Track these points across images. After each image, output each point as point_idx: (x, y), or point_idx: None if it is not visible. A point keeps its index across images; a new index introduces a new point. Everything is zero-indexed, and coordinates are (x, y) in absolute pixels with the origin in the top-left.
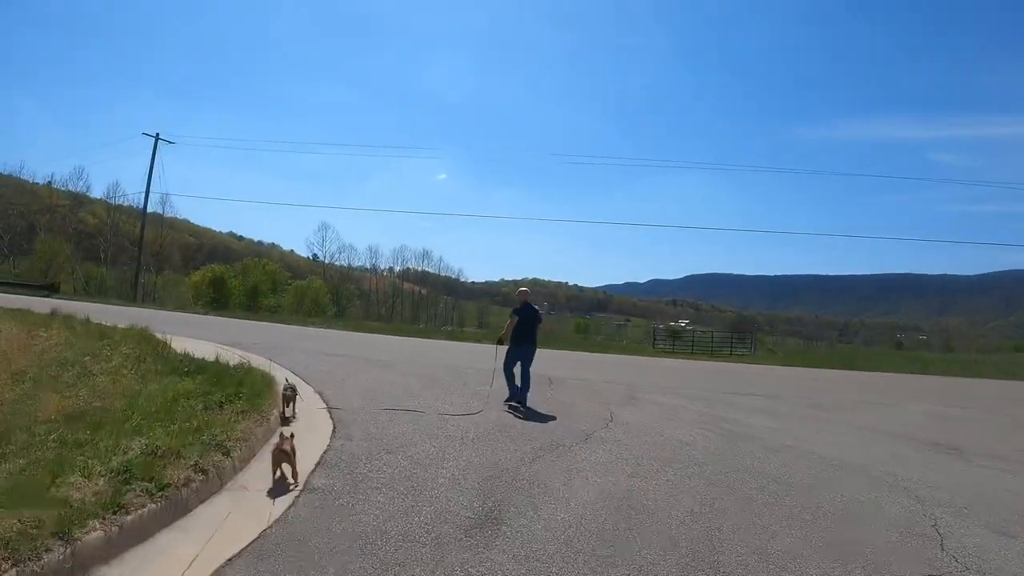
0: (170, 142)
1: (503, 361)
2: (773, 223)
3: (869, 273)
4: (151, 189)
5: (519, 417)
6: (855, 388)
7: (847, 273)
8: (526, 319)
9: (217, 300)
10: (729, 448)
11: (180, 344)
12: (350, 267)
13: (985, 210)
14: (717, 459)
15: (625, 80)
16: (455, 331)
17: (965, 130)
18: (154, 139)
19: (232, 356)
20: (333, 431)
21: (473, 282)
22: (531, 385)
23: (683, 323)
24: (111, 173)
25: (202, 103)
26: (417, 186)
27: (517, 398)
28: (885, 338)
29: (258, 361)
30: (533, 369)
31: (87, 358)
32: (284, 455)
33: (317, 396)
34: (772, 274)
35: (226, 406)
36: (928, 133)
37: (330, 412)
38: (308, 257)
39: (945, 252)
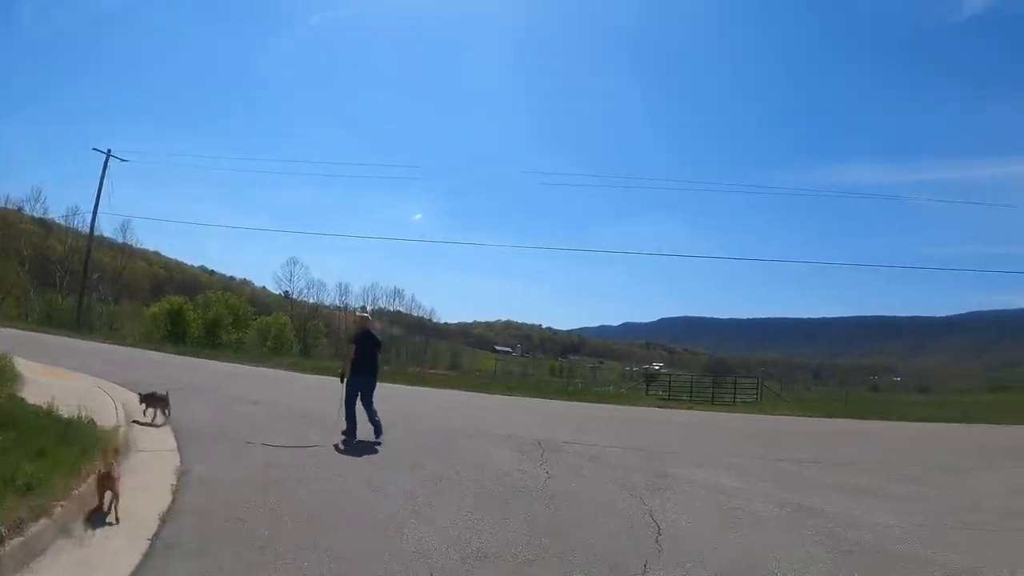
0: (123, 159)
1: (345, 395)
2: (744, 266)
3: (841, 316)
4: (102, 210)
5: (488, 529)
6: (914, 443)
7: (819, 316)
8: (365, 347)
9: (175, 333)
10: None
11: (47, 381)
12: (319, 304)
13: (956, 252)
14: None
15: (600, 125)
16: (422, 373)
17: (940, 174)
18: (105, 155)
19: (100, 402)
20: None
21: (447, 323)
22: (381, 424)
23: (657, 366)
24: (71, 198)
25: (179, 136)
26: (392, 226)
27: (354, 435)
28: (860, 380)
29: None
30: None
31: None
32: (109, 481)
33: (172, 476)
34: (745, 317)
35: None
36: (905, 177)
37: (162, 523)
38: (279, 294)
39: (917, 294)
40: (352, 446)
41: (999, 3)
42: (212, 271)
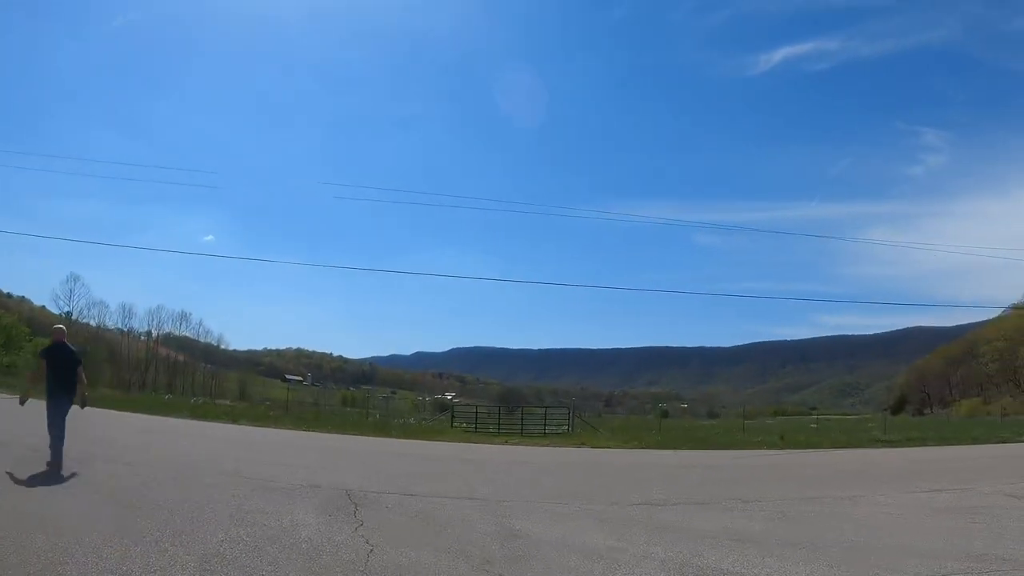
0: None
1: (48, 421)
2: (534, 298)
3: (630, 347)
4: None
5: None
6: (758, 473)
7: (609, 347)
8: (58, 362)
9: None
10: None
11: None
12: (101, 327)
13: (739, 288)
14: None
15: (402, 151)
16: (206, 404)
17: (723, 215)
18: None
19: None
20: None
21: (235, 350)
22: (65, 444)
23: (450, 395)
24: None
25: None
26: (182, 246)
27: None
28: (650, 407)
29: None
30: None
31: None
32: None
33: None
34: (536, 348)
35: None
36: (692, 216)
37: None
38: (60, 314)
39: (704, 326)
40: (91, 502)
41: (791, 61)
42: None
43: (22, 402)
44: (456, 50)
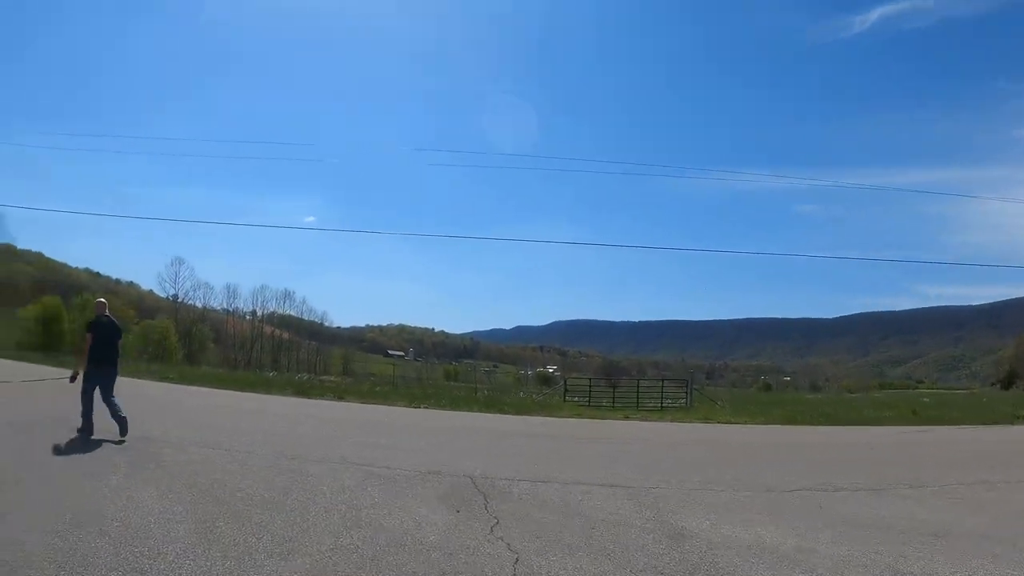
0: None
1: (82, 388)
2: (632, 270)
3: (730, 318)
4: None
5: None
6: (907, 452)
7: (709, 318)
8: (103, 334)
9: (48, 339)
10: None
11: None
12: (207, 308)
13: (841, 256)
14: None
15: (496, 129)
16: (311, 380)
17: (824, 183)
18: None
19: None
20: None
21: (339, 327)
22: (127, 419)
23: (551, 369)
24: None
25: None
26: (284, 229)
27: (91, 432)
28: (751, 380)
29: None
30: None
31: None
32: None
33: None
34: (635, 320)
35: None
36: (791, 185)
37: None
38: (167, 297)
39: (805, 296)
40: (173, 498)
41: (887, 20)
42: (99, 274)
43: (72, 379)
44: (541, 27)
